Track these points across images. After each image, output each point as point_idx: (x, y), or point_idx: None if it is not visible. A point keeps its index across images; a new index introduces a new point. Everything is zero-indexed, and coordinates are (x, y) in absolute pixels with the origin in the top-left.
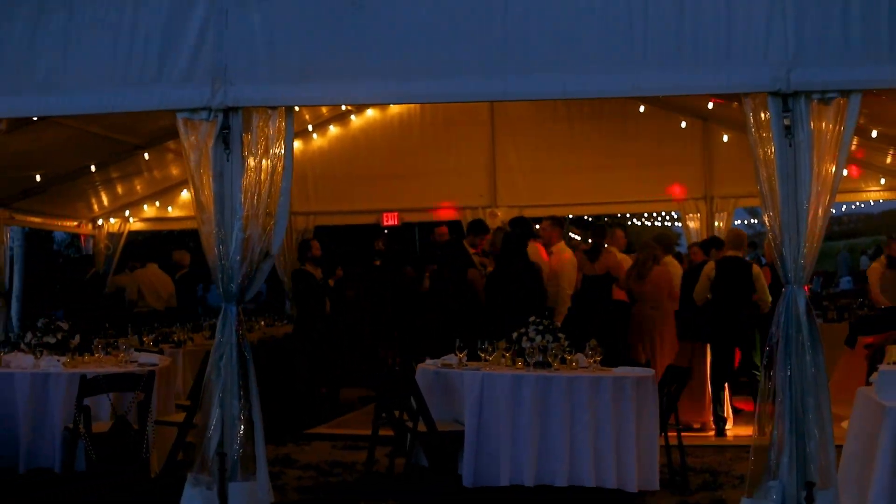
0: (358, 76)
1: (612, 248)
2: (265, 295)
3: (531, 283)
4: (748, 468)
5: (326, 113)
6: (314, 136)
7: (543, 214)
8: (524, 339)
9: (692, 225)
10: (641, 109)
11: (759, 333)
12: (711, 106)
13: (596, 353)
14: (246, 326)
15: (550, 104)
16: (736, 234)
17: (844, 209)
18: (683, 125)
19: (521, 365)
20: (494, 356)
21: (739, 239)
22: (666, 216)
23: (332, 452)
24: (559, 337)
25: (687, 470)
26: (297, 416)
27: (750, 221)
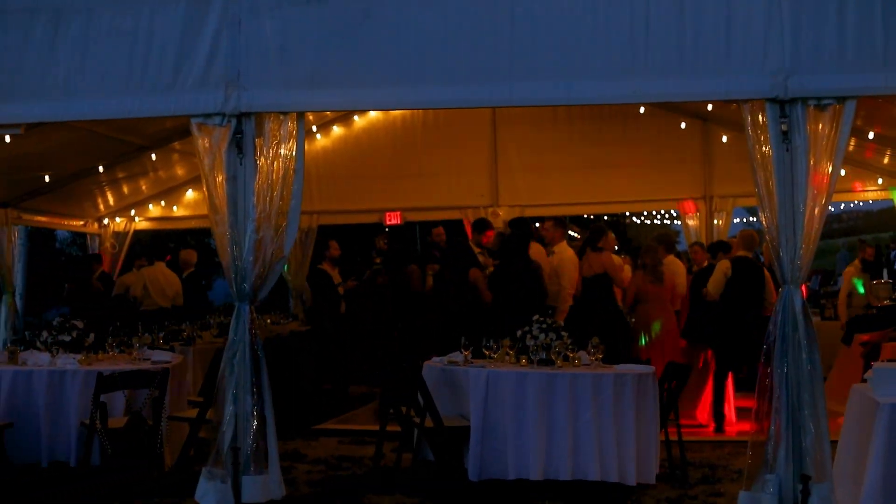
0: (367, 83)
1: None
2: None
3: (531, 283)
4: (746, 462)
5: (330, 114)
6: (318, 136)
7: (544, 214)
8: (528, 337)
9: (691, 224)
10: (641, 110)
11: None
12: (711, 107)
13: (598, 350)
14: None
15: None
16: (748, 234)
17: (843, 207)
18: (683, 126)
19: (524, 362)
20: (499, 354)
21: (752, 240)
22: (665, 215)
23: (339, 448)
24: (562, 335)
25: (686, 464)
26: (303, 412)
27: (749, 220)
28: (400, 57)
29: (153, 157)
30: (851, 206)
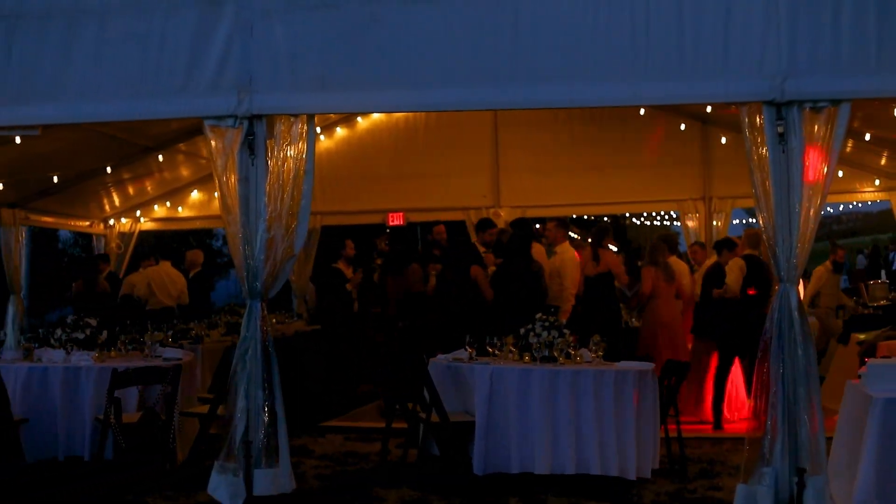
0: (375, 86)
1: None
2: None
3: (532, 283)
4: (743, 457)
5: (333, 116)
6: (321, 137)
7: (545, 214)
8: (531, 334)
9: (691, 224)
10: (642, 112)
11: None
12: (710, 109)
13: (599, 348)
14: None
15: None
16: (754, 233)
17: (842, 208)
18: (683, 127)
19: (528, 359)
20: (503, 351)
21: (757, 238)
22: (665, 216)
23: (345, 444)
24: (564, 333)
25: (686, 460)
26: (309, 410)
27: (748, 221)
28: (406, 60)
29: (160, 158)
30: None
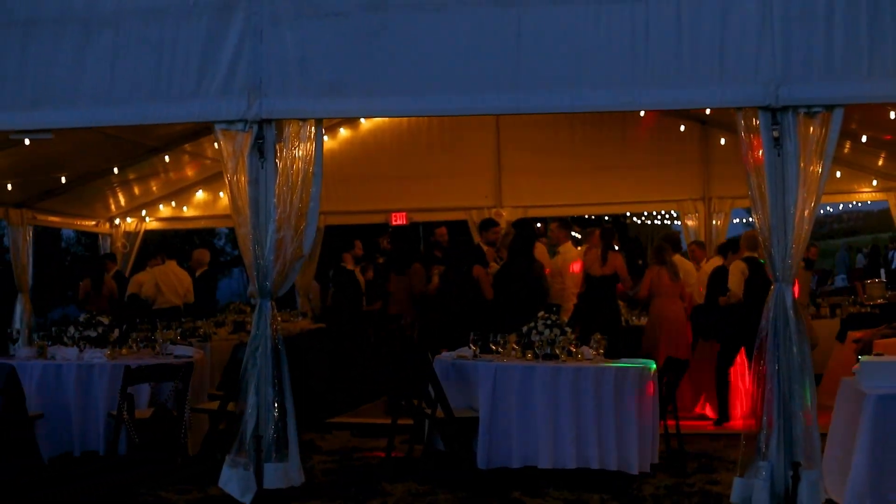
0: (382, 91)
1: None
2: None
3: (534, 283)
4: (740, 451)
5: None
6: (325, 138)
7: (547, 214)
8: (534, 332)
9: (690, 224)
10: (642, 114)
11: None
12: (709, 111)
13: (600, 346)
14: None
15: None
16: (752, 235)
17: (842, 208)
18: (682, 128)
19: (530, 357)
20: (506, 349)
21: (755, 240)
22: (665, 215)
23: (352, 440)
24: (566, 331)
25: (685, 455)
26: (315, 408)
27: (747, 221)
28: (413, 67)
29: (166, 158)
30: (850, 207)
